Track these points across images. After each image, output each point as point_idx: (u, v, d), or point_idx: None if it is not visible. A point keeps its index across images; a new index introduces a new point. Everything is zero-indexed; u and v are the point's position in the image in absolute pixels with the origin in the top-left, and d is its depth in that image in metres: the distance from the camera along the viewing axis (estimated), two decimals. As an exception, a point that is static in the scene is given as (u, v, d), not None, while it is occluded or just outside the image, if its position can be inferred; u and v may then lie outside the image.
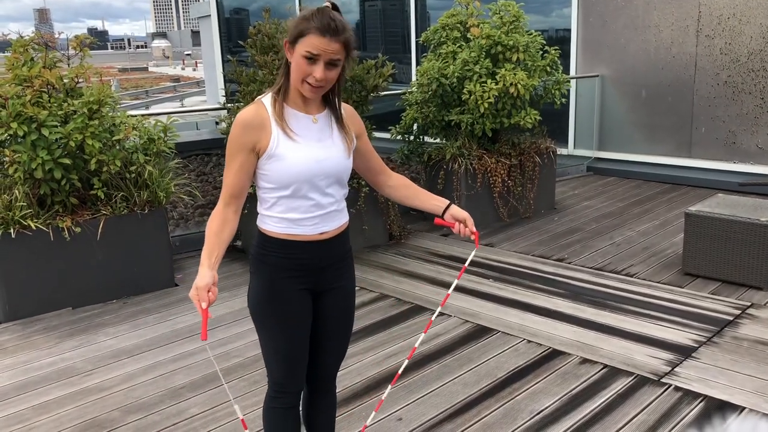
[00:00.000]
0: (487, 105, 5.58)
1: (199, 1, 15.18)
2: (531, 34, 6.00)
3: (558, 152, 6.65)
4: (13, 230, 4.09)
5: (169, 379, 3.42)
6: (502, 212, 6.06)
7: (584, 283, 4.58)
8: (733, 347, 3.59)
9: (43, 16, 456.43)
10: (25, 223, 4.13)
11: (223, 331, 3.95)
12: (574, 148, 8.38)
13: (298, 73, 1.94)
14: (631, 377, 3.30)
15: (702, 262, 4.54)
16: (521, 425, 2.93)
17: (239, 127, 1.97)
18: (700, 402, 3.06)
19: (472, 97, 5.63)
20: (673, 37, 7.34)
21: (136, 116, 4.79)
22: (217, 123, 7.81)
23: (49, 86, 4.32)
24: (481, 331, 3.88)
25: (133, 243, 4.51)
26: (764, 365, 3.38)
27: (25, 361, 3.68)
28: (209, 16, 12.75)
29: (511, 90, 5.57)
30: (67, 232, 4.23)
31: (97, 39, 5.61)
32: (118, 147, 4.44)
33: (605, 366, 3.43)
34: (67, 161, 4.18)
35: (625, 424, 2.91)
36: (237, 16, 12.88)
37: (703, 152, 7.34)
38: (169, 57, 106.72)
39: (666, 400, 3.09)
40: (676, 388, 3.18)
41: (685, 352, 3.55)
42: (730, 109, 7.08)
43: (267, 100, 2.02)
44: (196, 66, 70.42)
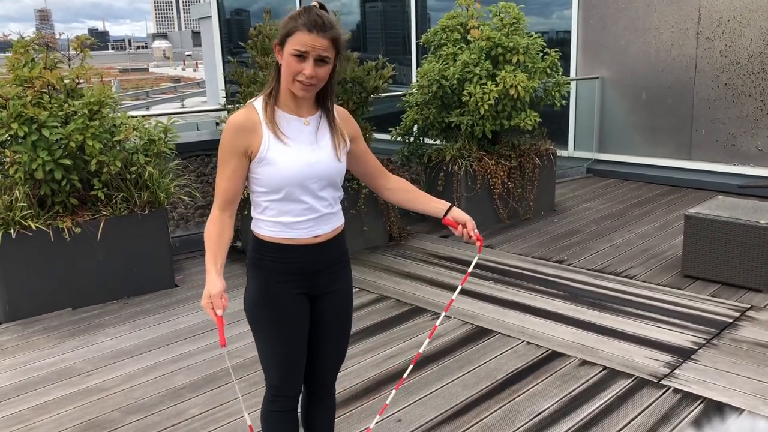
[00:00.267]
0: (487, 107, 5.59)
1: (200, 2, 15.20)
2: (531, 36, 6.01)
3: (558, 154, 6.65)
4: (13, 231, 4.09)
5: (169, 380, 3.42)
6: (502, 214, 6.07)
7: (584, 285, 4.58)
8: (733, 349, 3.59)
9: (43, 17, 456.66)
10: (26, 224, 4.13)
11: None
12: (574, 149, 8.39)
13: (288, 72, 1.93)
14: (631, 379, 3.31)
15: (702, 265, 4.54)
16: (520, 427, 2.93)
17: (231, 131, 1.96)
18: (700, 404, 3.07)
19: (472, 99, 5.64)
20: (673, 40, 7.34)
21: (136, 117, 4.80)
22: (218, 124, 7.80)
23: (49, 87, 4.32)
24: (480, 333, 3.88)
25: (133, 244, 4.51)
26: (764, 367, 3.39)
27: (25, 361, 3.68)
28: (210, 17, 12.76)
29: (512, 92, 5.58)
30: (67, 233, 4.24)
31: (98, 40, 5.62)
32: (118, 148, 4.45)
33: (604, 368, 3.43)
34: (67, 162, 4.18)
35: (625, 426, 2.91)
36: (238, 17, 12.89)
37: (703, 154, 7.35)
38: (169, 58, 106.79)
39: (665, 402, 3.09)
40: (676, 390, 3.19)
41: (684, 354, 3.55)
42: (730, 112, 7.09)
43: (258, 104, 2.01)
44: (197, 67, 70.49)
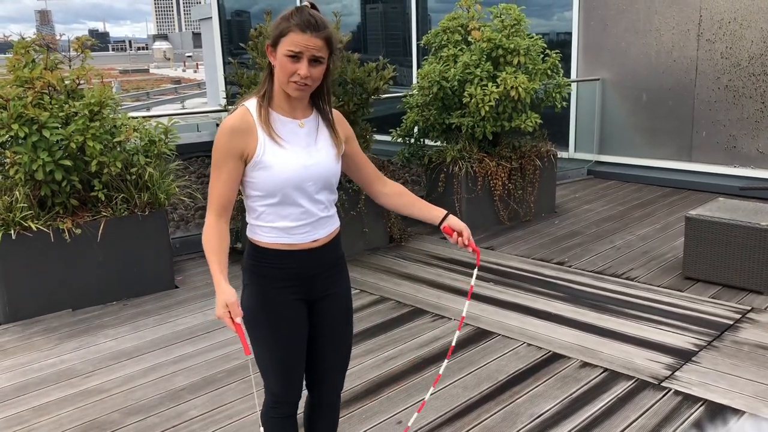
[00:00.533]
0: (487, 108, 5.59)
1: (201, 3, 15.21)
2: (532, 38, 6.00)
3: (558, 156, 6.65)
4: (13, 231, 4.09)
5: (169, 381, 3.42)
6: (503, 215, 6.06)
7: (584, 287, 4.58)
8: (734, 351, 3.59)
9: (44, 18, 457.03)
10: (26, 225, 4.13)
11: (224, 333, 3.95)
12: (575, 151, 8.39)
13: (283, 74, 1.91)
14: (631, 381, 3.30)
15: (702, 266, 4.54)
16: (521, 429, 2.92)
17: (226, 134, 1.93)
18: (700, 406, 3.06)
19: (473, 100, 5.63)
20: (674, 41, 7.34)
21: (137, 118, 4.79)
22: (218, 125, 7.82)
23: (50, 88, 4.32)
24: (481, 335, 3.88)
25: (133, 245, 4.51)
26: (764, 369, 3.38)
27: (25, 362, 3.67)
28: (210, 18, 12.76)
29: (512, 93, 5.57)
30: (67, 234, 4.24)
31: (99, 41, 5.62)
32: (118, 149, 4.44)
33: (605, 370, 3.42)
34: (67, 163, 4.18)
35: (625, 428, 2.90)
36: (238, 18, 12.90)
37: (704, 156, 7.34)
38: (170, 59, 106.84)
39: (666, 404, 3.08)
40: (676, 392, 3.18)
41: (685, 356, 3.54)
42: (730, 113, 7.08)
43: (252, 106, 1.98)
44: (197, 68, 70.55)
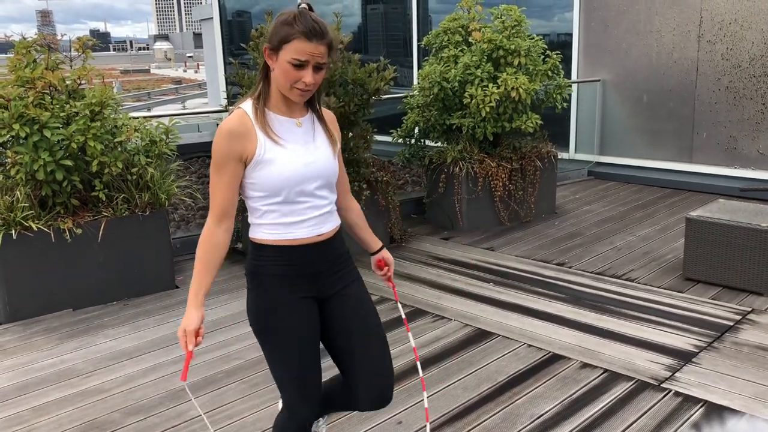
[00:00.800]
0: (488, 109, 5.59)
1: (202, 3, 15.21)
2: (533, 39, 6.01)
3: (559, 156, 6.65)
4: (14, 231, 4.10)
5: (170, 381, 3.42)
6: (503, 216, 6.06)
7: (585, 288, 4.58)
8: (734, 353, 3.59)
9: (45, 18, 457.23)
10: (27, 225, 4.13)
11: (223, 334, 3.95)
12: (575, 152, 8.39)
13: (285, 80, 1.90)
14: (632, 382, 3.30)
15: (703, 268, 4.54)
16: (521, 429, 2.92)
17: (225, 137, 1.91)
18: (700, 407, 3.06)
19: (473, 101, 5.64)
20: (674, 43, 7.34)
21: (137, 118, 4.80)
22: (219, 125, 7.82)
23: (51, 88, 4.33)
24: (481, 335, 3.88)
25: (134, 245, 4.51)
26: (764, 371, 3.38)
27: (26, 362, 3.68)
28: (211, 18, 12.77)
29: (513, 94, 5.58)
30: (68, 234, 4.24)
31: (100, 41, 5.63)
32: (119, 149, 4.45)
33: (605, 371, 3.42)
34: (68, 163, 4.18)
35: (625, 429, 2.90)
36: (239, 19, 12.90)
37: (704, 157, 7.35)
38: (170, 59, 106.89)
39: (666, 405, 3.08)
40: (677, 393, 3.18)
41: (685, 358, 3.54)
42: (731, 115, 7.09)
43: (248, 108, 1.97)
44: (198, 68, 70.59)
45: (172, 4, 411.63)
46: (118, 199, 4.46)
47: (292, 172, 1.94)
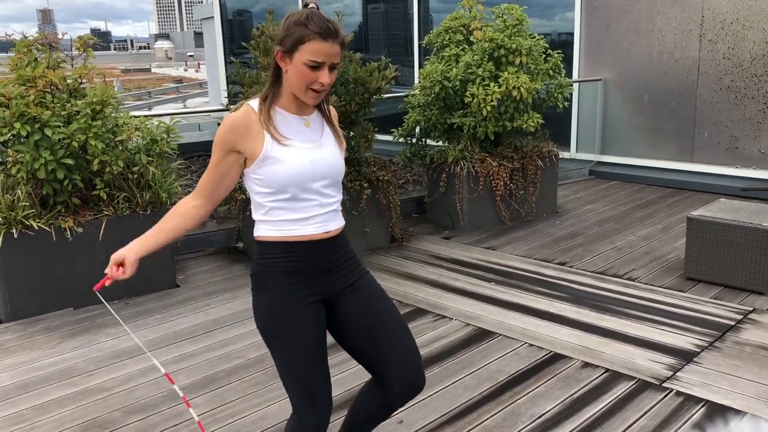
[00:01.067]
0: (489, 108, 5.59)
1: (202, 2, 15.21)
2: (534, 38, 6.00)
3: (560, 156, 6.65)
4: (15, 230, 4.10)
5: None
6: (504, 215, 6.06)
7: (586, 287, 4.57)
8: (735, 352, 3.58)
9: (46, 17, 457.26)
10: (28, 223, 4.13)
11: (225, 332, 3.95)
12: (577, 151, 8.38)
13: (301, 82, 1.89)
14: (633, 381, 3.30)
15: (704, 267, 4.53)
16: (522, 429, 2.92)
17: (226, 128, 1.95)
18: (702, 407, 3.06)
19: (474, 100, 5.63)
20: (676, 42, 7.34)
21: (138, 117, 4.80)
22: (219, 124, 7.82)
23: (52, 87, 4.32)
24: (482, 335, 3.88)
25: (135, 244, 4.50)
26: (766, 370, 3.38)
27: (27, 361, 3.68)
28: (212, 17, 12.77)
29: (514, 93, 5.57)
30: (69, 233, 4.24)
31: (100, 40, 5.62)
32: (120, 148, 4.45)
33: (606, 370, 3.42)
34: (69, 161, 4.18)
35: (626, 429, 2.90)
36: (240, 18, 12.90)
37: (706, 157, 7.34)
38: (171, 58, 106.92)
39: (667, 405, 3.08)
40: (678, 393, 3.18)
41: (686, 357, 3.54)
42: (732, 114, 7.08)
43: (255, 105, 1.97)
44: (199, 67, 70.59)
45: (173, 3, 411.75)
46: (119, 198, 4.46)
47: (298, 168, 1.94)
